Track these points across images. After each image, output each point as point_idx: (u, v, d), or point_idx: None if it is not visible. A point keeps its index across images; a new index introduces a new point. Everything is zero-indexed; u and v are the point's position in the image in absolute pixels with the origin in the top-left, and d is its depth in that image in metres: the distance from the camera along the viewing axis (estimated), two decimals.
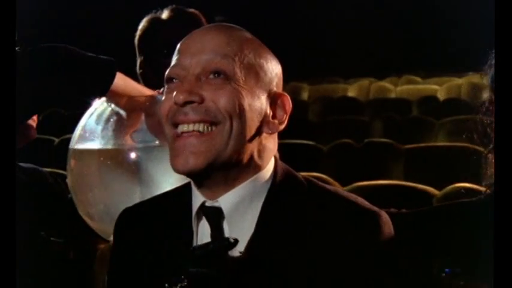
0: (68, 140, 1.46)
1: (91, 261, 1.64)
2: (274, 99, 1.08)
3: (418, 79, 9.53)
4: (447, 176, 2.61)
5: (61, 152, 1.68)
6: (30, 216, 1.42)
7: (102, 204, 1.44)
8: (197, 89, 1.04)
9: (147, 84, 1.96)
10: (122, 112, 1.43)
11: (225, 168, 1.04)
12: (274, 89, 1.08)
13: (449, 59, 9.41)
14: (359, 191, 2.04)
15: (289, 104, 1.09)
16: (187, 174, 1.05)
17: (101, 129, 1.45)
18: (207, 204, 1.06)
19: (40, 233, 1.45)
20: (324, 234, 1.02)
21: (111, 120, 1.46)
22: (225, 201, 1.05)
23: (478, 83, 7.99)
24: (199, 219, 1.08)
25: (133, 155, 1.42)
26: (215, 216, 1.06)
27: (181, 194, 1.13)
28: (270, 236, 1.03)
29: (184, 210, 1.10)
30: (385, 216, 1.04)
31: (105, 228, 1.45)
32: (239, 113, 1.03)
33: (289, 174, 1.11)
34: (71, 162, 1.49)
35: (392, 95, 8.14)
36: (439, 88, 8.09)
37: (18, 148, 1.39)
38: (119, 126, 1.45)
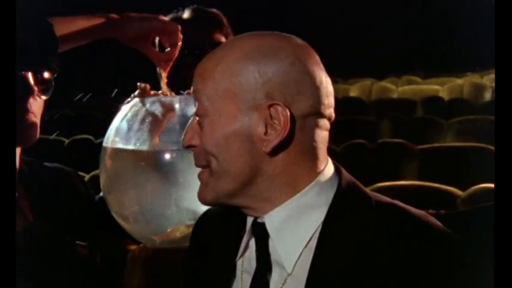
0: (78, 141, 1.43)
1: (121, 263, 1.59)
2: (265, 112, 0.97)
3: (418, 79, 9.54)
4: (463, 176, 2.58)
5: (72, 153, 1.65)
6: (55, 218, 1.38)
7: (137, 206, 1.40)
8: (192, 133, 1.04)
9: (168, 84, 1.93)
10: (157, 113, 1.39)
11: (244, 196, 1.01)
12: (264, 100, 0.96)
13: (449, 59, 9.43)
14: (380, 191, 1.99)
15: (282, 113, 0.96)
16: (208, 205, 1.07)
17: (136, 130, 1.42)
18: (258, 220, 1.04)
19: (65, 236, 1.40)
20: (393, 257, 0.95)
21: (146, 120, 1.42)
22: (269, 219, 1.02)
23: (479, 83, 8.08)
24: (251, 234, 1.07)
25: (167, 157, 1.38)
26: (261, 233, 1.03)
27: None
28: (330, 259, 0.97)
29: (243, 223, 1.08)
30: (455, 237, 0.99)
31: (140, 229, 1.43)
32: (221, 149, 0.98)
33: (354, 188, 1.03)
34: (106, 162, 1.45)
35: (395, 95, 8.14)
36: (441, 88, 8.08)
37: (26, 148, 1.35)
38: (154, 127, 1.41)
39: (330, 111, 1.01)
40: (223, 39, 1.92)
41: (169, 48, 1.56)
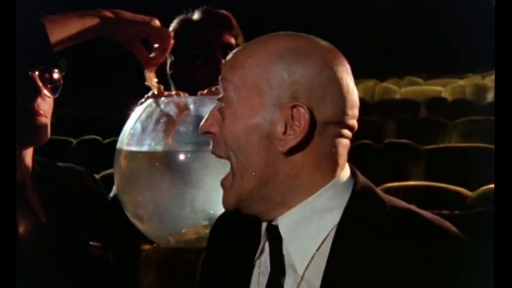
0: (86, 142, 1.42)
1: (134, 264, 1.59)
2: (287, 112, 0.96)
3: (420, 80, 9.53)
4: (469, 176, 2.57)
5: (79, 153, 1.64)
6: (67, 217, 1.38)
7: (152, 206, 1.40)
8: (212, 120, 1.03)
9: (177, 85, 1.93)
10: (172, 113, 1.39)
11: (262, 200, 1.01)
12: (288, 100, 0.96)
13: (450, 60, 9.42)
14: (389, 191, 1.99)
15: (304, 115, 0.95)
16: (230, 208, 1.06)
17: (151, 130, 1.42)
18: (273, 222, 1.03)
19: (78, 237, 1.39)
20: (407, 262, 0.94)
21: (161, 121, 1.42)
22: (282, 222, 1.01)
23: (481, 84, 8.08)
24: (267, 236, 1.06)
25: (182, 158, 1.37)
26: (275, 235, 1.03)
27: None
28: (344, 264, 0.97)
29: (260, 225, 1.08)
30: (469, 242, 0.98)
31: (154, 229, 1.43)
32: (240, 143, 0.98)
33: (368, 192, 1.02)
34: (121, 163, 1.45)
35: (397, 96, 8.12)
36: (443, 89, 8.07)
37: (37, 148, 1.35)
38: (169, 127, 1.41)
39: (353, 122, 1.00)
40: (232, 40, 1.92)
41: (157, 52, 1.54)
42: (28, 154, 1.34)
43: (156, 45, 1.53)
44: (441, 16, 10.12)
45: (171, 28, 1.96)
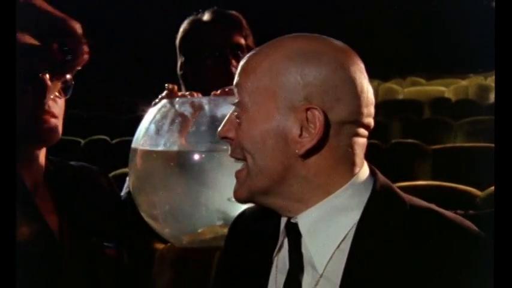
0: (94, 142, 1.41)
1: (148, 263, 1.58)
2: (302, 115, 0.96)
3: (422, 81, 9.52)
4: (476, 175, 2.56)
5: (88, 154, 1.63)
6: (81, 217, 1.37)
7: (168, 206, 1.40)
8: (229, 126, 1.03)
9: (188, 85, 1.93)
10: (187, 114, 1.38)
11: (277, 196, 1.01)
12: (302, 103, 0.96)
13: (452, 61, 9.42)
14: None
15: (319, 117, 0.95)
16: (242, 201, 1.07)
17: (166, 131, 1.42)
18: (292, 220, 1.03)
19: (91, 238, 1.38)
20: (427, 261, 0.94)
21: (176, 121, 1.42)
22: (302, 220, 1.01)
23: (484, 84, 8.07)
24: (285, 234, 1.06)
25: (197, 158, 1.37)
26: (294, 233, 1.02)
27: None
28: (364, 262, 0.97)
29: (278, 223, 1.08)
30: (490, 240, 0.97)
31: (169, 229, 1.42)
32: (257, 147, 0.98)
33: (388, 191, 1.02)
34: (136, 163, 1.45)
35: (401, 96, 8.11)
36: (446, 89, 8.06)
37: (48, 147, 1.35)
38: (184, 128, 1.41)
39: (369, 120, 1.00)
40: (242, 41, 1.92)
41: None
42: (41, 154, 1.34)
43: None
44: (442, 17, 10.12)
45: (181, 29, 1.96)
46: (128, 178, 1.66)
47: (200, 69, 1.90)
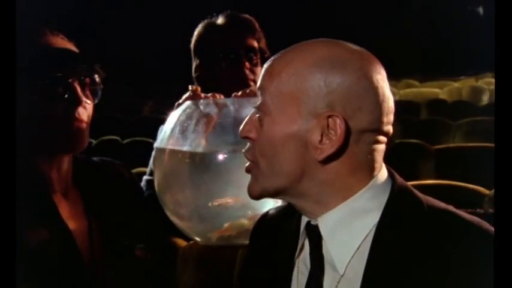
0: (106, 142, 1.39)
1: (171, 260, 1.57)
2: (323, 122, 0.95)
3: (416, 83, 9.54)
4: (480, 174, 2.56)
5: (100, 154, 1.62)
6: (110, 219, 1.34)
7: (194, 205, 1.40)
8: (251, 126, 1.02)
9: (203, 87, 1.92)
10: (212, 114, 1.38)
11: (291, 195, 1.01)
12: (325, 110, 0.95)
13: (444, 63, 9.46)
14: None
15: (340, 125, 0.94)
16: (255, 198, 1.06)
17: (192, 131, 1.42)
18: (312, 222, 1.03)
19: (121, 240, 1.35)
20: (447, 262, 0.93)
21: (201, 122, 1.42)
22: (323, 222, 1.01)
23: (477, 85, 8.10)
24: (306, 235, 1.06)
25: (222, 157, 1.37)
26: (315, 235, 1.02)
27: None
28: (384, 263, 0.96)
29: (299, 224, 1.07)
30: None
31: (195, 228, 1.42)
32: (277, 150, 0.98)
33: (406, 193, 1.01)
34: (162, 162, 1.44)
35: (397, 98, 8.12)
36: (441, 91, 8.07)
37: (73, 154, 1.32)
38: (209, 128, 1.40)
39: (388, 128, 1.00)
40: (255, 44, 1.92)
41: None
42: (69, 158, 1.31)
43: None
44: (434, 20, 10.16)
45: (196, 32, 1.96)
46: (144, 177, 1.66)
47: (214, 72, 1.91)
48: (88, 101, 1.25)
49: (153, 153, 1.73)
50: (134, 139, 3.51)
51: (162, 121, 1.50)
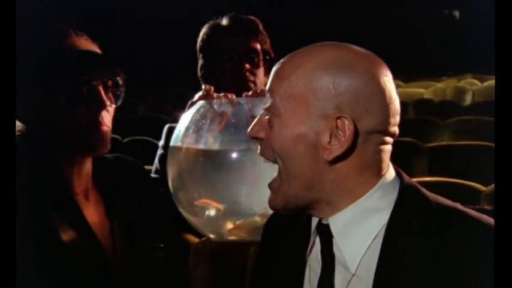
0: (114, 140, 1.37)
1: (185, 258, 1.56)
2: (332, 123, 0.95)
3: (401, 83, 9.59)
4: (473, 172, 2.58)
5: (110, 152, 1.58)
6: (131, 219, 1.31)
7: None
8: (260, 126, 1.03)
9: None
10: (226, 113, 1.37)
11: (309, 201, 1.01)
12: (333, 111, 0.95)
13: (427, 64, 9.54)
14: None
15: (348, 126, 0.95)
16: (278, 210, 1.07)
17: (206, 130, 1.42)
18: (323, 221, 1.03)
19: (143, 240, 1.31)
20: (456, 259, 0.93)
21: (215, 121, 1.42)
22: (334, 222, 1.01)
23: (460, 86, 8.16)
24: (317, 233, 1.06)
25: (236, 155, 1.38)
26: (325, 234, 1.02)
27: None
28: (395, 261, 0.96)
29: (309, 222, 1.08)
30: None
31: (209, 224, 1.42)
32: (287, 151, 0.98)
33: (415, 191, 1.02)
34: (177, 160, 1.44)
35: None
36: (425, 91, 8.12)
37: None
38: (223, 126, 1.41)
39: (395, 129, 1.00)
40: (258, 46, 1.93)
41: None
42: (90, 160, 1.28)
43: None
44: (416, 24, 10.25)
45: (201, 33, 1.96)
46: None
47: (218, 71, 1.91)
48: (110, 103, 1.22)
49: (159, 151, 1.74)
50: (134, 138, 3.50)
51: (159, 120, 1.49)
